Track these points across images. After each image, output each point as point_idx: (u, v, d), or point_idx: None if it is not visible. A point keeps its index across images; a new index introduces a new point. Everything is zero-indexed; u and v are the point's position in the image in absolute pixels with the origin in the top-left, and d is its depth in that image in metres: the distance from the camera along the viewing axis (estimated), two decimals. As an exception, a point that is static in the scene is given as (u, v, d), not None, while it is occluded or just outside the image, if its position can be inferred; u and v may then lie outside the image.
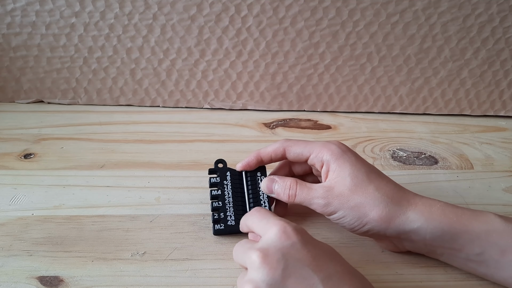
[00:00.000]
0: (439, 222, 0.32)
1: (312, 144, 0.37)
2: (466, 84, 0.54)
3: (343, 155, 0.35)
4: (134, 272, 0.35)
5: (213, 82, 0.54)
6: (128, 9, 0.49)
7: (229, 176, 0.39)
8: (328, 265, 0.28)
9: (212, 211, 0.38)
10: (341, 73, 0.53)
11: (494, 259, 0.32)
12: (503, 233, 0.32)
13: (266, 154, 0.38)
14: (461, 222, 0.32)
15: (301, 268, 0.27)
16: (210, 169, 0.40)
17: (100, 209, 0.40)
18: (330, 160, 0.35)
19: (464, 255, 0.33)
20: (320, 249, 0.29)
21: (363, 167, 0.35)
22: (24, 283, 0.34)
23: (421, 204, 0.33)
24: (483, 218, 0.32)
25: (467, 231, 0.32)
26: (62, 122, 0.52)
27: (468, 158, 0.49)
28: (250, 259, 0.28)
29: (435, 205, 0.33)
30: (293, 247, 0.28)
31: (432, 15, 0.50)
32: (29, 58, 0.52)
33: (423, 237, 0.33)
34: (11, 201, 0.41)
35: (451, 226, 0.32)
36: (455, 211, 0.33)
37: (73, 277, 0.34)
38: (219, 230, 0.38)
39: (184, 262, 0.36)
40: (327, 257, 0.29)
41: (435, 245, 0.33)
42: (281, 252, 0.28)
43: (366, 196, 0.33)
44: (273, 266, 0.27)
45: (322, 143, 0.36)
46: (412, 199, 0.34)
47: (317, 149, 0.36)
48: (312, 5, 0.49)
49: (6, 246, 0.36)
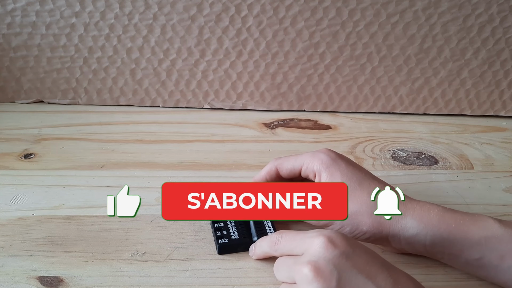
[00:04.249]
0: (438, 228, 0.32)
1: (301, 156, 0.36)
2: (466, 84, 0.54)
3: (333, 164, 0.35)
4: (134, 272, 0.35)
5: (213, 82, 0.54)
6: (128, 9, 0.49)
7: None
8: (381, 270, 0.28)
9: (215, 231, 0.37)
10: (341, 73, 0.53)
11: (493, 264, 0.32)
12: (501, 239, 0.31)
13: (261, 179, 0.38)
14: (459, 228, 0.32)
15: (355, 276, 0.27)
16: None
17: (100, 209, 0.40)
18: (321, 170, 0.35)
19: (464, 259, 0.33)
20: (369, 255, 0.29)
21: (355, 174, 0.34)
22: (24, 283, 0.34)
23: (419, 209, 0.33)
24: (482, 224, 0.32)
25: (466, 238, 0.32)
26: (62, 122, 0.52)
27: (468, 158, 0.49)
28: (301, 274, 0.27)
29: (433, 210, 0.33)
30: (343, 256, 0.27)
31: (432, 15, 0.50)
32: (29, 58, 0.52)
33: (423, 242, 0.33)
34: (11, 201, 0.41)
35: (449, 233, 0.32)
36: (453, 217, 0.33)
37: (73, 277, 0.34)
38: (223, 245, 0.36)
39: (184, 262, 0.36)
40: (378, 262, 0.28)
41: (435, 250, 0.33)
42: (332, 263, 0.27)
43: (361, 204, 0.33)
44: (327, 279, 0.27)
45: (311, 154, 0.36)
46: (409, 204, 0.34)
47: (307, 160, 0.36)
48: (312, 5, 0.49)
49: (6, 246, 0.36)
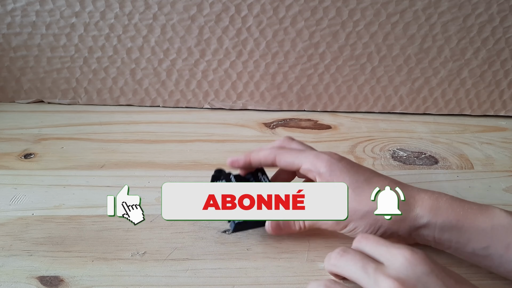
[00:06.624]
0: (447, 216, 0.33)
1: (304, 154, 0.36)
2: (466, 84, 0.54)
3: (338, 165, 0.35)
4: (134, 272, 0.35)
5: (213, 82, 0.54)
6: (128, 9, 0.49)
7: (233, 178, 0.39)
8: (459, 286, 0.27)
9: None
10: (341, 73, 0.53)
11: (499, 253, 0.32)
12: (508, 228, 0.32)
13: (256, 159, 0.38)
14: (467, 216, 0.33)
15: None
16: (214, 174, 0.39)
17: (100, 209, 0.40)
18: (326, 173, 0.34)
19: (470, 249, 0.33)
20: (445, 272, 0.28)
21: (361, 174, 0.35)
22: (24, 283, 0.34)
23: (427, 199, 0.34)
24: (489, 213, 0.33)
25: (474, 226, 0.32)
26: (62, 122, 0.52)
27: (468, 158, 0.49)
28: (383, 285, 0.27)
29: (441, 199, 0.34)
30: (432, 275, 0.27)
31: (432, 15, 0.50)
32: (29, 58, 0.52)
33: (433, 231, 0.33)
34: (11, 201, 0.41)
35: (458, 220, 0.32)
36: (461, 205, 0.33)
37: (73, 277, 0.34)
38: (240, 225, 0.36)
39: (184, 262, 0.36)
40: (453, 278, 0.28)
41: (443, 238, 0.33)
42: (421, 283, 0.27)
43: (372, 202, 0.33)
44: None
45: (314, 154, 0.36)
46: (417, 195, 0.34)
47: (309, 159, 0.35)
48: (312, 5, 0.49)
49: (6, 246, 0.36)
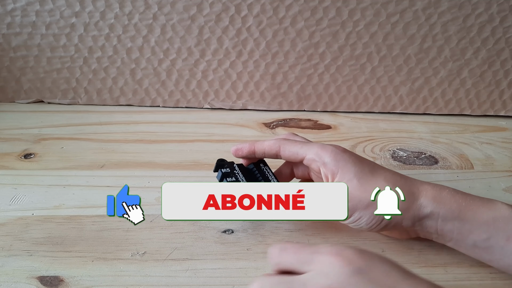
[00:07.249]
0: (450, 206, 0.33)
1: (309, 145, 0.36)
2: (466, 84, 0.54)
3: (343, 156, 0.35)
4: (134, 272, 0.35)
5: (213, 82, 0.54)
6: (128, 9, 0.49)
7: (237, 168, 0.39)
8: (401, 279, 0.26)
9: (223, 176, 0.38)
10: (341, 73, 0.53)
11: (500, 245, 0.32)
12: (509, 220, 0.32)
13: (260, 149, 0.38)
14: (469, 208, 0.33)
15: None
16: (218, 163, 0.39)
17: (100, 209, 0.40)
18: (331, 162, 0.35)
19: (471, 241, 0.33)
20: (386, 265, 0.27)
21: (366, 165, 0.35)
22: (24, 283, 0.34)
23: (430, 189, 0.34)
24: (491, 205, 0.33)
25: (475, 217, 0.33)
26: (62, 122, 0.52)
27: (468, 158, 0.49)
28: None
29: (444, 190, 0.34)
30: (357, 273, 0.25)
31: (432, 15, 0.50)
32: (29, 58, 0.52)
33: (435, 222, 0.33)
34: (11, 201, 0.41)
35: (460, 211, 0.33)
36: (463, 197, 0.34)
37: (73, 277, 0.34)
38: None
39: (184, 262, 0.36)
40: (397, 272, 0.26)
41: (445, 229, 0.33)
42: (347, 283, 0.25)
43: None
44: None
45: (319, 145, 0.36)
46: (421, 186, 0.34)
47: (314, 150, 0.36)
48: (312, 5, 0.49)
49: (6, 246, 0.36)
